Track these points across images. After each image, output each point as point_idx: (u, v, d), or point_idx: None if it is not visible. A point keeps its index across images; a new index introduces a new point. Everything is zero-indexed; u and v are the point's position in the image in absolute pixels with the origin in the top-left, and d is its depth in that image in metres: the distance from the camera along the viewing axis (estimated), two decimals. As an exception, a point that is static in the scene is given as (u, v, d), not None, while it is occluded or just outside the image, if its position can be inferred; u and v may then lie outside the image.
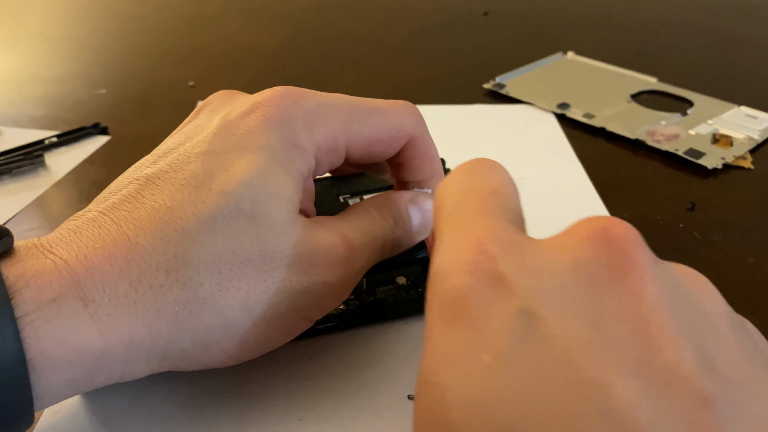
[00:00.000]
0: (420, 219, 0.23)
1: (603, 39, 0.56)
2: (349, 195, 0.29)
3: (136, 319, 0.17)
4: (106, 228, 0.17)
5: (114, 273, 0.17)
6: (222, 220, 0.18)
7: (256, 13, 0.65)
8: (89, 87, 0.48)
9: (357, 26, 0.61)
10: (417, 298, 0.24)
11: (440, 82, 0.48)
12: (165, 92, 0.47)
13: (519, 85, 0.46)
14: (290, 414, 0.21)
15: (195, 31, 0.60)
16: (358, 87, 0.47)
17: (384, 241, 0.22)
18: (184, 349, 0.18)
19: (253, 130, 0.19)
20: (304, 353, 0.23)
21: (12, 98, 0.46)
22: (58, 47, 0.57)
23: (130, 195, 0.18)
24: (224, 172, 0.18)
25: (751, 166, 0.36)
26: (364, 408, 0.21)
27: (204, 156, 0.19)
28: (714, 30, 0.58)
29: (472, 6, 0.65)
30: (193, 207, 0.18)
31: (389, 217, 0.22)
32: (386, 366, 0.23)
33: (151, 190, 0.18)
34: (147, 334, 0.17)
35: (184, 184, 0.18)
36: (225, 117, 0.20)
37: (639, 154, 0.37)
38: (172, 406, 0.21)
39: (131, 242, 0.17)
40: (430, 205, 0.23)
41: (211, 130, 0.20)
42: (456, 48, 0.55)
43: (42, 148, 0.38)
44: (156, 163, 0.19)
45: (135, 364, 0.17)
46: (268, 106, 0.20)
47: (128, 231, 0.17)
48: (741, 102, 0.42)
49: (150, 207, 0.18)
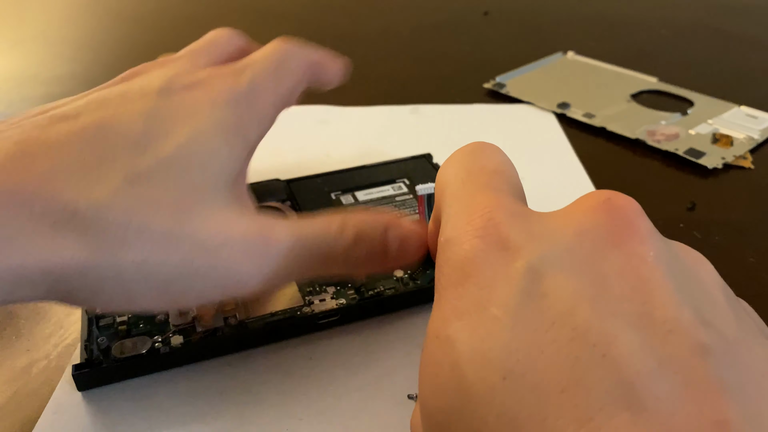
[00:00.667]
0: (397, 246, 0.22)
1: (603, 39, 0.56)
2: (341, 192, 0.29)
3: (28, 253, 0.16)
4: (17, 161, 0.17)
5: (13, 206, 0.16)
6: (148, 177, 0.18)
7: (256, 13, 0.65)
8: (89, 87, 0.48)
9: (357, 26, 0.61)
10: (416, 289, 0.25)
11: (440, 81, 0.48)
12: (165, 92, 0.47)
13: (519, 85, 0.46)
14: (289, 412, 0.21)
15: (195, 31, 0.60)
16: (357, 87, 0.47)
17: (329, 255, 0.20)
18: (74, 288, 0.17)
19: (198, 104, 0.20)
20: (303, 352, 0.23)
21: (12, 98, 0.46)
22: (58, 47, 0.57)
23: (57, 133, 0.18)
24: (164, 137, 0.19)
25: (751, 165, 0.36)
26: (364, 407, 0.21)
27: (146, 116, 0.19)
28: (714, 30, 0.58)
29: (472, 6, 0.65)
30: (123, 164, 0.18)
31: (350, 234, 0.21)
32: (385, 365, 0.23)
33: (81, 135, 0.18)
34: (36, 267, 0.16)
35: (120, 138, 0.18)
36: (168, 85, 0.20)
37: (639, 153, 0.37)
38: (171, 405, 0.21)
39: (44, 178, 0.17)
40: (409, 232, 0.22)
41: (153, 95, 0.20)
42: (456, 48, 0.55)
43: (42, 148, 0.38)
44: (90, 110, 0.19)
45: (16, 295, 0.17)
46: (212, 86, 0.21)
47: (43, 167, 0.17)
48: (741, 102, 0.42)
49: (77, 154, 0.17)
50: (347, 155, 0.34)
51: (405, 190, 0.30)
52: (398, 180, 0.31)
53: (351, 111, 0.43)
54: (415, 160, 0.32)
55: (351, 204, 0.29)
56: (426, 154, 0.33)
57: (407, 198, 0.29)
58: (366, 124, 0.41)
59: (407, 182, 0.31)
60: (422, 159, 0.33)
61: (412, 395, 0.22)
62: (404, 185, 0.30)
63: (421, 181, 0.30)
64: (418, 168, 0.32)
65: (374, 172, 0.31)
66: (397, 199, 0.29)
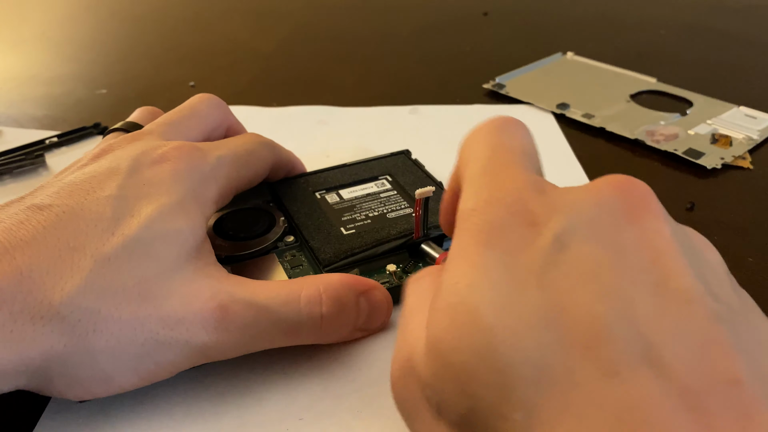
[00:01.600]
0: (366, 317, 0.23)
1: (602, 39, 0.56)
2: (324, 191, 0.30)
3: (10, 348, 0.17)
4: (2, 260, 0.18)
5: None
6: (115, 260, 0.19)
7: (257, 14, 0.65)
8: (90, 87, 0.48)
9: (357, 26, 0.61)
10: None
11: (440, 82, 0.48)
12: (165, 92, 0.47)
13: (519, 86, 0.46)
14: (290, 413, 0.21)
15: (195, 32, 0.60)
16: (357, 87, 0.47)
17: (292, 328, 0.21)
18: (50, 377, 0.18)
19: (163, 179, 0.21)
20: (303, 353, 0.23)
21: (13, 98, 0.46)
22: (58, 47, 0.57)
23: (34, 228, 0.19)
24: (129, 217, 0.20)
25: (750, 166, 0.36)
26: (364, 407, 0.21)
27: (113, 200, 0.20)
28: (714, 30, 0.58)
29: (471, 6, 0.65)
30: (93, 248, 0.19)
31: (317, 307, 0.21)
32: (386, 365, 0.23)
33: (55, 226, 0.19)
34: (18, 360, 0.17)
35: (90, 225, 0.19)
36: (135, 163, 0.22)
37: (638, 154, 0.37)
38: (173, 405, 0.21)
39: (23, 276, 0.18)
40: (381, 302, 0.23)
41: (121, 175, 0.21)
42: (456, 48, 0.55)
43: (43, 148, 0.38)
44: (62, 198, 0.20)
45: (1, 384, 0.18)
46: (178, 159, 0.22)
47: (22, 264, 0.18)
48: (740, 102, 0.42)
49: (53, 245, 0.19)
50: (347, 155, 0.34)
51: (388, 186, 0.30)
52: (380, 177, 0.31)
53: (350, 111, 0.43)
54: (395, 157, 0.33)
55: (337, 202, 0.29)
56: (405, 150, 0.33)
57: (392, 194, 0.29)
58: (365, 124, 0.41)
59: (389, 178, 0.31)
60: (401, 155, 0.33)
61: None
62: (387, 182, 0.31)
63: (403, 177, 0.31)
64: (398, 164, 0.32)
65: (355, 170, 0.31)
66: (381, 196, 0.29)
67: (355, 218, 0.28)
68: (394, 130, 0.40)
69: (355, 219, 0.28)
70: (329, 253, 0.25)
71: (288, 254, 0.26)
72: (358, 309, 0.22)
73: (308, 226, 0.27)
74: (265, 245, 0.26)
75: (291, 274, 0.25)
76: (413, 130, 0.40)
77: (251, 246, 0.26)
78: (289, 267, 0.26)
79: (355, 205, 0.29)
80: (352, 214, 0.28)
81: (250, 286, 0.21)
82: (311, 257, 0.26)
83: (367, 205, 0.29)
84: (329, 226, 0.27)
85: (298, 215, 0.28)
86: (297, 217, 0.28)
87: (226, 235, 0.27)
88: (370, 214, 0.28)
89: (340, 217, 0.28)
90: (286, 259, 0.26)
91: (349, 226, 0.27)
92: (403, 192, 0.30)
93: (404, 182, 0.30)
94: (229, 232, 0.27)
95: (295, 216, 0.28)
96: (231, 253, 0.26)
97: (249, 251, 0.26)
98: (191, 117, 0.26)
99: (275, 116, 0.42)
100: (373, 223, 0.27)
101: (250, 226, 0.27)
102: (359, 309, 0.22)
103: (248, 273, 0.25)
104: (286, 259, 0.26)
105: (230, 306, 0.20)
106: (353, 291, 0.22)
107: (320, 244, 0.26)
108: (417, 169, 0.31)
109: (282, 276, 0.25)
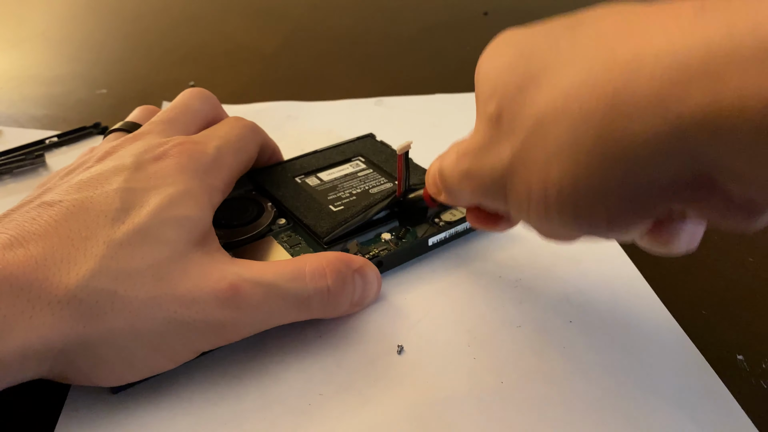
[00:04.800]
0: (361, 291, 0.24)
1: (602, 39, 0.56)
2: (304, 175, 0.31)
3: (31, 334, 0.18)
4: (13, 251, 0.18)
5: (13, 293, 0.18)
6: (127, 245, 0.20)
7: (257, 14, 0.65)
8: (90, 87, 0.48)
9: (357, 26, 0.61)
10: (406, 247, 0.27)
11: (440, 82, 0.48)
12: (165, 92, 0.47)
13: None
14: (310, 389, 0.22)
15: (195, 31, 0.61)
16: (357, 87, 0.47)
17: (301, 302, 0.22)
18: (73, 361, 0.19)
19: (168, 172, 0.22)
20: (312, 333, 0.24)
21: (13, 98, 0.46)
22: (58, 47, 0.57)
23: (45, 222, 0.20)
24: (139, 207, 0.21)
25: (750, 165, 0.36)
26: (380, 377, 0.22)
27: (122, 192, 0.21)
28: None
29: (471, 6, 0.65)
30: (104, 235, 0.20)
31: (323, 281, 0.22)
32: (395, 335, 0.24)
33: (67, 219, 0.20)
34: (40, 345, 0.18)
35: (100, 216, 0.20)
36: (138, 160, 0.23)
37: (638, 153, 0.37)
38: (192, 393, 0.22)
39: (38, 264, 0.18)
40: (372, 277, 0.24)
41: (127, 171, 0.22)
42: (456, 48, 0.55)
43: (43, 148, 0.38)
44: (71, 194, 0.21)
45: (25, 372, 0.18)
46: (180, 155, 0.23)
47: (36, 254, 0.19)
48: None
49: (65, 235, 0.19)
50: (321, 147, 0.34)
51: (363, 166, 0.32)
52: (353, 158, 0.32)
53: (318, 105, 0.43)
54: (362, 140, 0.34)
55: (318, 185, 0.30)
56: (369, 134, 0.35)
57: (369, 172, 0.31)
58: (333, 118, 0.42)
59: (363, 159, 0.32)
60: (368, 138, 0.35)
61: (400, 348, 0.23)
62: (360, 162, 0.32)
63: (374, 157, 0.32)
64: (367, 145, 0.34)
65: (328, 155, 0.33)
66: (359, 175, 0.31)
67: (341, 196, 0.29)
68: (361, 121, 0.41)
69: (340, 197, 0.29)
70: (325, 227, 0.26)
71: (284, 235, 0.27)
72: (354, 284, 0.23)
73: (298, 207, 0.28)
74: (260, 229, 0.27)
75: (292, 252, 0.26)
76: (380, 120, 0.41)
77: (247, 231, 0.27)
78: (289, 246, 0.26)
79: (337, 186, 0.30)
80: (337, 193, 0.29)
81: (257, 266, 0.22)
82: (308, 234, 0.27)
83: (348, 184, 0.30)
84: (318, 205, 0.28)
85: (286, 199, 0.29)
86: (285, 200, 0.29)
87: (220, 224, 0.27)
88: (354, 191, 0.29)
89: (326, 197, 0.29)
90: (284, 240, 0.27)
91: (337, 203, 0.28)
92: (379, 169, 0.31)
93: (377, 161, 0.32)
94: (222, 221, 0.27)
95: (282, 200, 0.29)
96: (229, 240, 0.26)
97: (246, 236, 0.27)
98: (186, 113, 0.27)
99: (242, 112, 0.42)
100: (358, 198, 0.29)
101: (241, 214, 0.28)
102: (355, 284, 0.23)
103: (250, 256, 0.26)
104: (283, 239, 0.27)
105: (241, 285, 0.21)
106: (349, 267, 0.23)
107: (315, 221, 0.27)
108: (386, 148, 0.33)
109: (284, 255, 0.26)
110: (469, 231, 0.29)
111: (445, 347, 0.23)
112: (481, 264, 0.27)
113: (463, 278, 0.27)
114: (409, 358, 0.23)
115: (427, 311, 0.25)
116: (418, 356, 0.23)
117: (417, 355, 0.23)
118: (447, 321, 0.24)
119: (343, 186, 0.30)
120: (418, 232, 0.27)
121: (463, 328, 0.24)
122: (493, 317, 0.24)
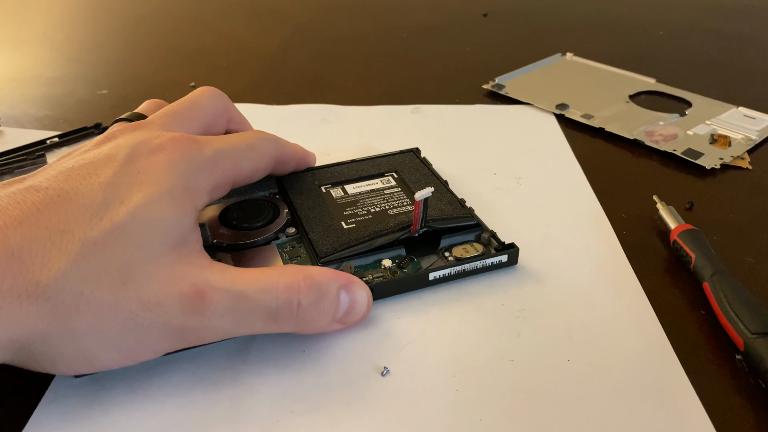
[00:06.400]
0: (347, 307, 0.23)
1: (601, 40, 0.56)
2: (330, 185, 0.30)
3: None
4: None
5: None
6: (101, 244, 0.20)
7: (257, 14, 0.65)
8: (91, 87, 0.48)
9: (357, 27, 0.61)
10: (404, 278, 0.25)
11: (440, 82, 0.48)
12: (166, 93, 0.47)
13: (518, 86, 0.46)
14: (282, 406, 0.21)
15: (196, 32, 0.61)
16: (357, 88, 0.47)
17: (269, 314, 0.22)
18: (34, 354, 0.19)
19: (156, 168, 0.22)
20: (296, 346, 0.23)
21: (14, 99, 0.46)
22: (59, 48, 0.57)
23: (28, 208, 0.19)
24: (119, 203, 0.20)
25: (749, 166, 0.36)
26: (354, 400, 0.21)
27: (106, 186, 0.21)
28: (712, 30, 0.58)
29: (471, 7, 0.65)
30: (81, 233, 0.19)
31: (294, 294, 0.22)
32: (378, 359, 0.23)
33: (49, 208, 0.20)
34: (4, 336, 0.18)
35: (81, 209, 0.20)
36: (132, 151, 0.22)
37: (637, 154, 0.38)
38: (166, 396, 0.22)
39: (14, 256, 0.18)
40: (361, 296, 0.24)
41: (118, 163, 0.22)
42: (455, 49, 0.55)
43: (44, 148, 0.38)
44: (59, 182, 0.21)
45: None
46: (173, 149, 0.23)
47: (14, 244, 0.18)
48: (739, 103, 0.43)
49: (44, 226, 0.19)
50: (348, 154, 0.34)
51: (393, 183, 0.31)
52: (386, 174, 0.31)
53: (352, 110, 0.43)
54: (403, 155, 0.33)
55: (341, 197, 0.29)
56: (414, 148, 0.34)
57: (395, 191, 0.30)
58: (367, 123, 0.41)
59: (395, 176, 0.31)
60: (410, 153, 0.33)
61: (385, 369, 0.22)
62: (392, 178, 0.31)
63: (409, 175, 0.31)
64: (405, 162, 0.32)
65: (363, 167, 0.32)
66: (385, 192, 0.30)
67: (357, 213, 0.28)
68: (396, 129, 0.40)
69: (356, 214, 0.28)
70: (327, 246, 0.26)
71: (288, 245, 0.27)
72: (338, 301, 0.23)
73: (310, 219, 0.27)
74: (266, 236, 0.27)
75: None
76: (415, 129, 0.40)
77: (253, 236, 0.27)
78: (288, 258, 0.26)
79: (358, 201, 0.29)
80: (355, 209, 0.28)
81: (230, 273, 0.22)
82: (310, 249, 0.26)
83: (370, 200, 0.29)
84: (330, 219, 0.27)
85: (302, 208, 0.28)
86: (300, 209, 0.28)
87: (230, 224, 0.27)
88: (372, 209, 0.28)
89: (342, 212, 0.28)
90: (286, 250, 0.26)
91: (350, 220, 0.27)
92: (407, 189, 0.30)
93: (409, 180, 0.31)
94: (233, 221, 0.27)
95: (298, 209, 0.28)
96: (234, 242, 0.26)
97: (250, 241, 0.26)
98: (192, 108, 0.27)
99: (277, 114, 0.43)
100: (374, 218, 0.28)
101: (254, 217, 0.28)
102: (339, 301, 0.23)
103: (248, 262, 0.26)
104: (285, 250, 0.27)
105: (207, 291, 0.21)
106: (334, 283, 0.23)
107: (319, 237, 0.26)
108: (423, 167, 0.32)
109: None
110: (478, 271, 0.26)
111: (429, 375, 0.22)
112: (486, 293, 0.26)
113: (464, 305, 0.25)
114: (390, 381, 0.22)
115: (419, 334, 0.24)
116: (399, 381, 0.22)
117: (398, 380, 0.22)
118: (437, 347, 0.23)
119: (364, 202, 0.29)
120: (423, 263, 0.26)
121: (451, 356, 0.23)
122: (485, 348, 0.23)
